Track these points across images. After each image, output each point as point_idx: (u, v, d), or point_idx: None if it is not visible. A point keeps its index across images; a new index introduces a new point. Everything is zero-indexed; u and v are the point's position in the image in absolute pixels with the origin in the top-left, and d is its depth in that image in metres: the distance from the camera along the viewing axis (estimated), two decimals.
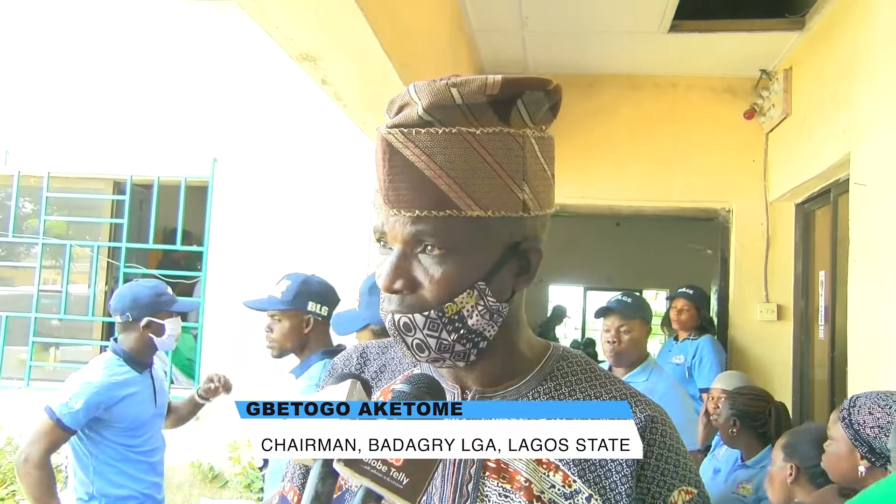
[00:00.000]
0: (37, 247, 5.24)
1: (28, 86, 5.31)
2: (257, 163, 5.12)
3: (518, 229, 0.86)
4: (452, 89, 0.81)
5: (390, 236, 0.85)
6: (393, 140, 0.82)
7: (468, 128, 0.82)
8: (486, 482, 0.86)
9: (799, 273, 4.64)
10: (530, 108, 0.85)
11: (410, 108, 0.83)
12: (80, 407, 2.61)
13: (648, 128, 4.96)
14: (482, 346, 0.87)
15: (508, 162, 0.84)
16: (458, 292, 0.83)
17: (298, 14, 2.42)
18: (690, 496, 0.88)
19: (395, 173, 0.82)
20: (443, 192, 0.81)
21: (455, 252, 0.83)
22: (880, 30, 3.11)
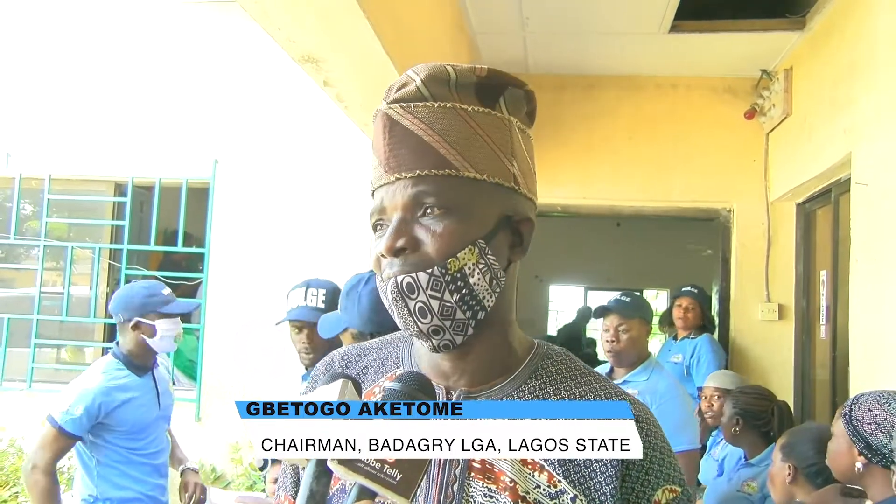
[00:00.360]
0: (37, 249, 5.24)
1: (29, 88, 5.32)
2: (258, 164, 5.13)
3: (510, 202, 0.90)
4: (447, 67, 0.89)
5: (390, 207, 0.87)
6: (393, 113, 0.88)
7: (461, 105, 0.89)
8: (471, 483, 0.86)
9: (800, 273, 4.64)
10: (511, 104, 0.92)
11: (409, 86, 0.89)
12: (80, 413, 2.62)
13: (649, 128, 4.97)
14: (480, 317, 0.87)
15: (498, 137, 0.90)
16: (460, 248, 0.85)
17: (300, 16, 2.42)
18: (675, 494, 0.89)
19: (395, 142, 0.87)
20: (441, 154, 0.86)
21: (455, 210, 0.86)
22: (881, 30, 3.12)
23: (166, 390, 2.96)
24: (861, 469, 1.84)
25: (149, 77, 5.21)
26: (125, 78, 5.22)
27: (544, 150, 4.99)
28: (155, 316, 2.78)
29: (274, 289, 4.85)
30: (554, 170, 4.98)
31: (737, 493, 3.04)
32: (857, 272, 3.24)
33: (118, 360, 2.80)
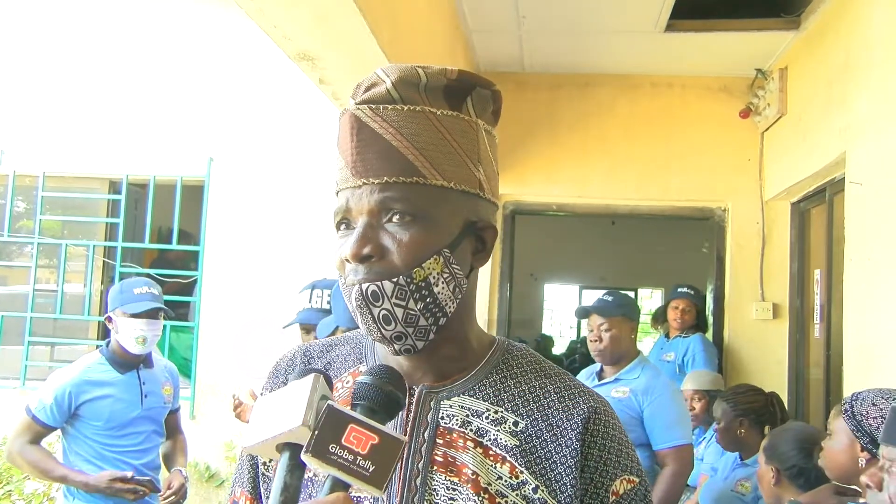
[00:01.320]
0: (31, 246, 5.22)
1: (23, 85, 5.30)
2: (253, 162, 5.12)
3: (475, 208, 0.91)
4: (418, 69, 0.89)
5: (356, 210, 0.87)
6: (361, 115, 0.88)
7: (430, 108, 0.88)
8: (433, 476, 0.87)
9: (794, 272, 4.65)
10: (478, 105, 0.93)
11: (378, 87, 0.88)
12: (50, 403, 2.70)
13: (644, 127, 4.98)
14: (442, 323, 0.89)
15: (465, 143, 0.90)
16: (426, 257, 0.86)
17: (296, 13, 2.42)
18: (632, 485, 0.91)
19: (363, 145, 0.87)
20: (409, 160, 0.86)
21: (422, 218, 0.86)
22: (875, 29, 3.13)
23: (156, 392, 2.92)
24: (864, 464, 1.84)
25: (144, 74, 5.19)
26: (120, 75, 5.20)
27: (539, 149, 5.00)
28: (120, 313, 2.79)
29: (268, 287, 4.86)
30: (549, 168, 4.99)
31: (731, 493, 3.05)
32: (851, 271, 3.25)
33: (103, 355, 2.84)
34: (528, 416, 0.90)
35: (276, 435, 0.75)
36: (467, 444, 0.88)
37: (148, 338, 2.81)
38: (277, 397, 0.79)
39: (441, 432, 0.89)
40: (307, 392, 0.75)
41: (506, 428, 0.89)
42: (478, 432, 0.89)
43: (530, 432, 0.89)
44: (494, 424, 0.90)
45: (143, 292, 2.82)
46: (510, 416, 0.90)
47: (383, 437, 0.73)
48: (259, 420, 0.78)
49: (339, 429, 0.73)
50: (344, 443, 0.72)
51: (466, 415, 0.90)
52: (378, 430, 0.74)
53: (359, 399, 0.79)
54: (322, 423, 0.73)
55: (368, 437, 0.73)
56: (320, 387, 0.77)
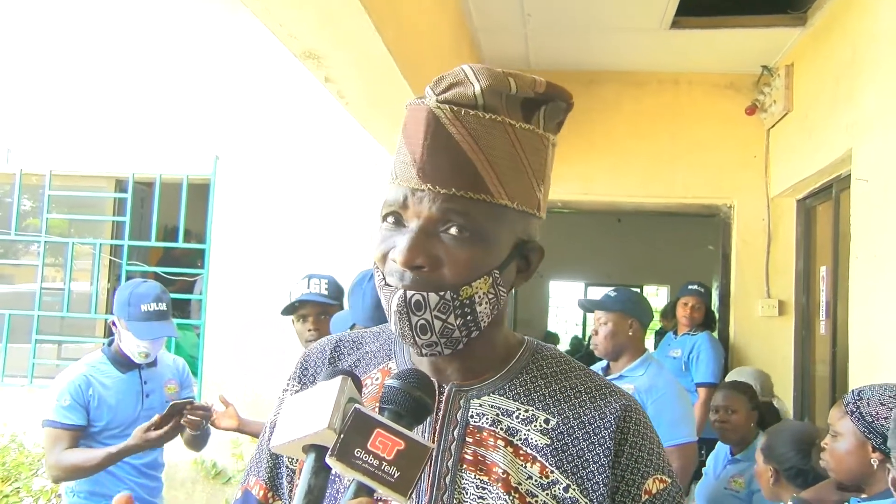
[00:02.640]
0: (38, 245, 5.24)
1: (30, 84, 5.31)
2: (259, 161, 5.12)
3: (527, 227, 0.90)
4: (510, 78, 0.84)
5: (412, 212, 0.84)
6: (441, 115, 0.83)
7: (508, 119, 0.85)
8: (463, 475, 0.87)
9: (800, 269, 4.64)
10: (548, 116, 0.90)
11: (464, 88, 0.84)
12: (69, 402, 2.61)
13: (650, 124, 4.97)
14: (474, 336, 0.88)
15: (535, 161, 0.88)
16: (477, 277, 0.84)
17: (302, 12, 2.42)
18: (664, 485, 0.90)
19: (436, 148, 0.83)
20: (480, 175, 0.83)
21: (479, 235, 0.83)
22: (881, 26, 3.11)
23: (158, 391, 2.85)
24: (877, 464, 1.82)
25: (150, 73, 5.20)
26: (126, 74, 5.21)
27: None
28: (124, 324, 2.71)
29: (274, 285, 4.86)
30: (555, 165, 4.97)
31: (724, 491, 3.05)
32: (857, 268, 3.24)
33: (105, 355, 2.78)
34: (559, 415, 0.90)
35: (302, 436, 0.74)
36: (497, 443, 0.87)
37: (150, 353, 2.75)
38: (305, 397, 0.78)
39: (471, 431, 0.89)
40: (334, 394, 0.75)
41: (537, 426, 0.88)
42: (508, 431, 0.88)
43: (562, 430, 0.88)
44: (525, 423, 0.89)
45: (149, 310, 2.70)
46: (541, 415, 0.89)
47: (410, 442, 0.72)
48: (287, 420, 0.77)
49: (366, 433, 0.72)
50: (370, 447, 0.71)
51: (497, 414, 0.89)
52: (405, 435, 0.73)
53: (387, 403, 0.78)
54: (348, 427, 0.72)
55: (395, 443, 0.72)
56: (348, 389, 0.77)
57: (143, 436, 2.54)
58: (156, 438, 2.55)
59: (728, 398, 3.25)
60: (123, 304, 2.71)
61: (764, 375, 4.03)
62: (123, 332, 2.72)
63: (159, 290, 2.79)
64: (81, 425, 2.64)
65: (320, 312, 2.78)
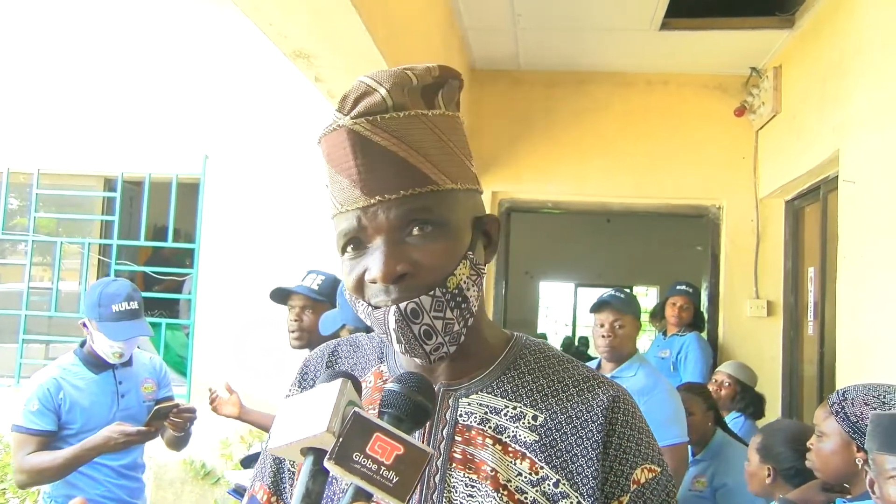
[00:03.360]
0: (26, 244, 5.21)
1: (18, 83, 5.28)
2: (249, 160, 5.11)
3: (476, 205, 0.92)
4: (408, 71, 0.86)
5: (371, 229, 0.84)
6: (361, 130, 0.84)
7: (420, 110, 0.86)
8: (452, 473, 0.87)
9: (788, 269, 4.68)
10: (447, 97, 0.91)
11: (371, 97, 0.84)
12: (36, 407, 2.54)
13: (639, 124, 4.99)
14: (470, 324, 0.88)
15: (458, 140, 0.90)
16: (456, 264, 0.85)
17: (292, 11, 2.42)
18: (654, 474, 0.89)
19: (369, 162, 0.83)
20: (419, 169, 0.84)
21: (442, 227, 0.85)
22: (868, 28, 3.14)
23: (134, 390, 2.76)
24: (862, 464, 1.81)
25: (139, 72, 5.18)
26: (115, 73, 5.19)
27: (535, 146, 5.01)
28: (95, 325, 2.62)
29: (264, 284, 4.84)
30: (545, 165, 5.00)
31: (688, 493, 3.05)
32: (845, 269, 3.26)
33: (77, 356, 2.70)
34: (547, 410, 0.90)
35: (301, 439, 0.74)
36: (486, 442, 0.88)
37: (124, 353, 2.66)
38: (305, 399, 0.78)
39: (460, 430, 0.89)
40: (334, 397, 0.74)
41: (525, 423, 0.89)
42: (496, 429, 0.88)
43: (550, 426, 0.88)
44: (513, 420, 0.89)
45: (121, 310, 2.60)
46: (529, 411, 0.90)
47: (409, 448, 0.72)
48: (285, 422, 0.77)
49: (365, 437, 0.71)
50: (369, 452, 0.71)
51: (485, 412, 0.90)
52: (404, 440, 0.72)
53: (386, 407, 0.78)
54: (347, 431, 0.72)
55: (394, 448, 0.71)
56: (348, 392, 0.76)
57: (121, 429, 2.47)
58: (135, 433, 2.49)
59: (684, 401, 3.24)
60: (93, 305, 2.61)
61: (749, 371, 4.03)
62: (95, 334, 2.63)
63: (130, 288, 2.69)
64: (50, 430, 2.56)
65: (305, 306, 2.76)
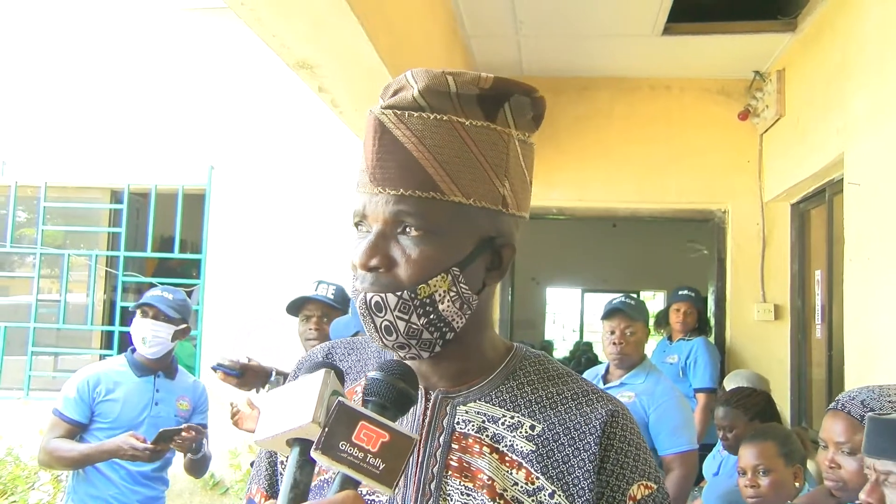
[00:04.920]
0: (34, 256, 5.24)
1: (25, 96, 5.32)
2: (254, 170, 5.13)
3: (495, 224, 0.88)
4: (448, 77, 0.85)
5: (371, 216, 0.86)
6: (385, 120, 0.85)
7: (458, 117, 0.85)
8: (448, 481, 0.87)
9: (795, 273, 4.66)
10: (515, 112, 0.89)
11: (406, 92, 0.86)
12: (73, 396, 2.71)
13: (643, 130, 4.99)
14: (449, 338, 0.87)
15: (493, 155, 0.87)
16: (433, 275, 0.84)
17: (294, 22, 2.44)
18: (650, 491, 0.89)
19: (383, 152, 0.85)
20: (428, 174, 0.83)
21: (433, 234, 0.84)
22: (871, 30, 3.14)
23: (169, 401, 2.86)
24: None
25: (144, 84, 5.21)
26: (121, 85, 5.23)
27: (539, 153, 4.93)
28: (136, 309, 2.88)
29: (270, 294, 4.86)
30: (549, 172, 5.00)
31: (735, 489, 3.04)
32: (851, 271, 3.25)
33: (126, 359, 2.87)
34: (544, 421, 0.89)
35: (286, 430, 0.74)
36: (483, 450, 0.87)
37: (147, 338, 2.80)
38: (289, 391, 0.78)
39: (457, 437, 0.89)
40: (318, 387, 0.75)
41: (522, 433, 0.88)
42: (494, 438, 0.88)
43: (547, 436, 0.88)
44: (510, 430, 0.89)
45: (154, 294, 2.87)
46: (527, 421, 0.89)
47: (394, 434, 0.72)
48: (270, 414, 0.77)
49: (350, 426, 0.72)
50: (354, 440, 0.71)
51: (483, 420, 0.89)
52: (389, 427, 0.73)
53: (370, 395, 0.78)
54: (332, 420, 0.72)
55: (379, 435, 0.72)
56: (331, 382, 0.77)
57: (132, 442, 2.57)
58: (141, 450, 2.57)
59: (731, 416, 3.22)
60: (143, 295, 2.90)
61: (762, 380, 4.03)
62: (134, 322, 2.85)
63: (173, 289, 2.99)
64: (80, 422, 2.71)
65: (323, 314, 2.86)
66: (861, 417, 1.76)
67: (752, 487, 2.45)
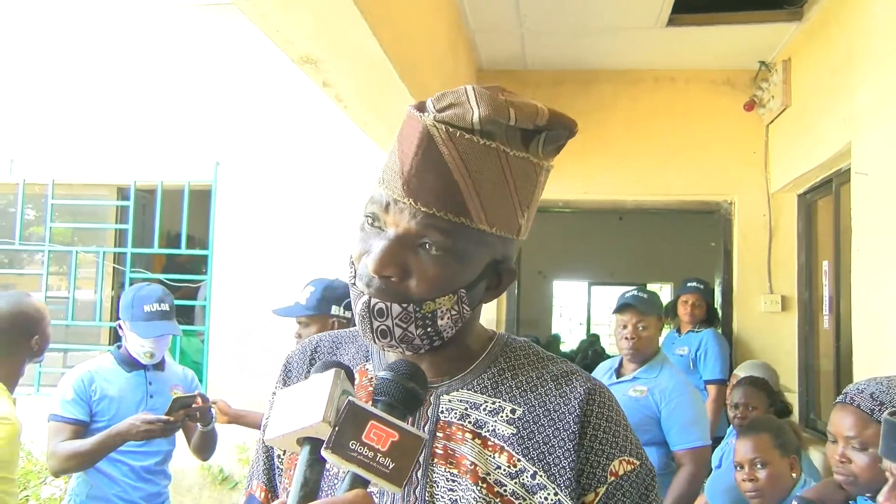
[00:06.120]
0: (42, 254, 5.27)
1: (32, 94, 5.34)
2: (260, 166, 5.14)
3: (503, 249, 0.91)
4: (510, 109, 0.84)
5: (391, 220, 0.85)
6: (436, 133, 0.83)
7: (504, 147, 0.85)
8: (434, 468, 0.88)
9: (802, 263, 4.64)
10: (548, 141, 0.90)
11: (462, 110, 0.83)
12: (70, 396, 2.68)
13: (648, 122, 4.97)
14: (437, 344, 0.90)
15: (524, 188, 0.88)
16: (442, 294, 0.86)
17: (298, 18, 2.44)
18: (632, 466, 0.90)
19: (426, 165, 0.83)
20: (464, 199, 0.83)
21: (452, 256, 0.85)
22: (877, 19, 3.12)
23: (163, 393, 2.85)
24: None
25: (150, 81, 5.22)
26: (126, 82, 5.24)
27: None
28: (128, 325, 2.78)
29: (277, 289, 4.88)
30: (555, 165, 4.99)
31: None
32: (859, 262, 3.24)
33: (113, 357, 2.85)
34: (525, 404, 0.91)
35: (297, 429, 0.75)
36: (466, 436, 0.89)
37: (155, 353, 2.81)
38: (300, 390, 0.79)
39: (441, 426, 0.91)
40: (328, 387, 0.75)
41: (503, 417, 0.90)
42: (476, 424, 0.90)
43: (527, 419, 0.90)
44: (492, 415, 0.90)
45: (152, 310, 2.77)
46: (507, 405, 0.91)
47: (403, 433, 0.73)
48: (281, 413, 0.78)
49: (360, 425, 0.72)
50: (364, 439, 0.72)
51: (465, 408, 0.91)
52: (398, 426, 0.73)
53: (380, 395, 0.79)
54: (342, 420, 0.73)
55: (389, 434, 0.73)
56: (342, 382, 0.77)
57: (144, 416, 2.57)
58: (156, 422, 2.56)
59: (748, 395, 3.24)
60: (127, 307, 2.80)
61: (771, 370, 4.03)
62: (128, 334, 2.80)
63: (162, 292, 2.87)
64: (83, 420, 2.68)
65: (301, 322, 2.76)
66: (871, 411, 1.74)
67: (751, 481, 2.46)
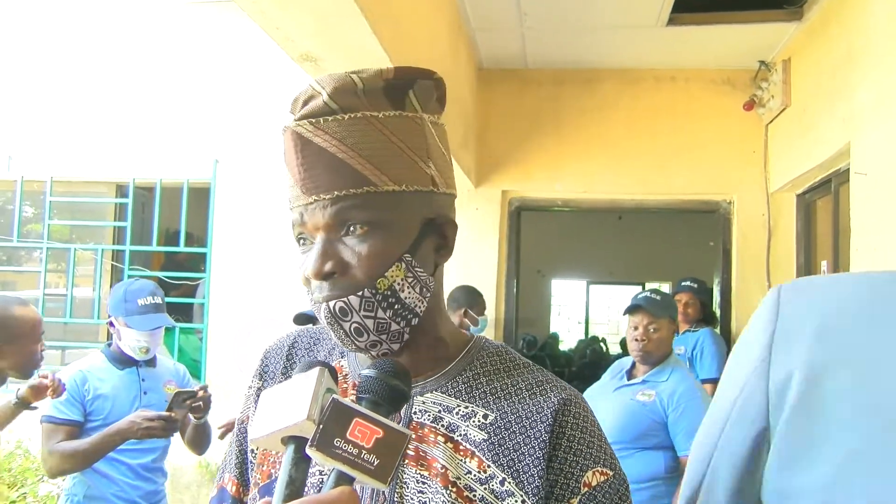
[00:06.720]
0: (40, 251, 5.26)
1: (30, 91, 5.33)
2: (258, 164, 5.14)
3: (431, 205, 0.91)
4: (352, 76, 0.88)
5: (311, 226, 0.87)
6: (303, 131, 0.87)
7: (371, 112, 0.87)
8: (405, 470, 0.88)
9: (801, 263, 4.64)
10: (421, 97, 0.92)
11: (316, 100, 0.87)
12: (65, 397, 2.64)
13: (648, 121, 4.97)
14: (414, 324, 0.90)
15: (412, 141, 0.89)
16: (387, 266, 0.86)
17: (298, 15, 2.43)
18: (605, 477, 0.89)
19: (309, 162, 0.86)
20: (358, 170, 0.85)
21: (378, 227, 0.86)
22: (877, 19, 3.12)
23: (157, 389, 2.84)
24: None
25: (149, 78, 5.22)
26: (125, 79, 5.23)
27: (544, 144, 5.00)
28: (122, 322, 2.76)
29: (276, 287, 4.88)
30: (554, 163, 4.99)
31: None
32: (858, 261, 3.24)
33: (105, 355, 2.82)
34: (498, 410, 0.91)
35: (281, 428, 0.75)
36: (438, 439, 0.89)
37: (150, 348, 2.79)
38: (283, 389, 0.79)
39: (413, 427, 0.90)
40: (312, 385, 0.76)
41: (475, 422, 0.90)
42: (449, 427, 0.90)
43: (499, 425, 0.90)
44: (464, 419, 0.90)
45: (146, 303, 2.76)
46: (480, 410, 0.91)
47: (388, 430, 0.73)
48: (265, 412, 0.78)
49: (344, 423, 0.73)
50: (349, 437, 0.72)
51: (438, 410, 0.91)
52: (383, 423, 0.74)
53: (364, 392, 0.79)
54: (327, 417, 0.73)
55: (373, 431, 0.73)
56: (325, 380, 0.77)
57: (144, 413, 2.56)
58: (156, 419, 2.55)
59: None
60: (119, 302, 2.77)
61: None
62: (123, 330, 2.76)
63: (153, 286, 2.87)
64: (77, 420, 2.65)
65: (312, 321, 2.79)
66: None
67: None
